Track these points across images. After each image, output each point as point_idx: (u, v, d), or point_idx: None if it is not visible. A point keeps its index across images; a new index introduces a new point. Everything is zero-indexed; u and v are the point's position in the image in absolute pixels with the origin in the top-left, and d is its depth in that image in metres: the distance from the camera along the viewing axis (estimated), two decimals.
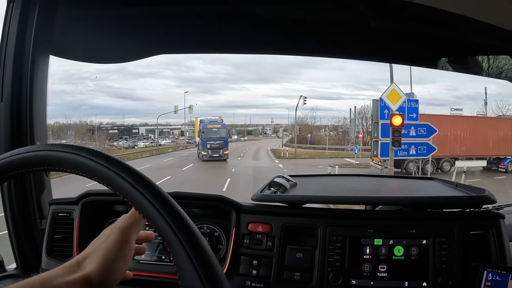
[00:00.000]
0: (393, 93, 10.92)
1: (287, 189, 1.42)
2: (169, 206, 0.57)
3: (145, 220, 0.60)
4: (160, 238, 1.40)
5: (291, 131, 42.33)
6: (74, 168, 0.61)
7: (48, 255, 1.41)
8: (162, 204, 0.57)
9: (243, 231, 1.32)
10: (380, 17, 1.41)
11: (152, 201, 0.57)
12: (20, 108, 1.38)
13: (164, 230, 0.56)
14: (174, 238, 0.56)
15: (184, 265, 0.55)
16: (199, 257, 0.55)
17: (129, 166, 0.60)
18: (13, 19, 1.33)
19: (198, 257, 0.55)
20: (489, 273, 1.11)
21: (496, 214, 1.26)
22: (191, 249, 0.55)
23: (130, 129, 45.82)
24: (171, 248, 0.56)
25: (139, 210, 0.58)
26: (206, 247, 0.56)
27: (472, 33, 1.53)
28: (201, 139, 23.71)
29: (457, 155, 16.25)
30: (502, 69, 1.81)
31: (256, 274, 1.27)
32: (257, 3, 1.50)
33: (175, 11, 1.54)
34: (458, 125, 16.46)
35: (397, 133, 10.50)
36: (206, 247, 0.56)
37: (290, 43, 1.81)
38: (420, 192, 1.41)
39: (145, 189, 0.58)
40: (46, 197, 1.51)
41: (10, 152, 0.63)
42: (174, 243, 0.56)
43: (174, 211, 0.57)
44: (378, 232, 1.23)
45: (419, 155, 12.13)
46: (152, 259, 1.41)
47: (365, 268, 1.21)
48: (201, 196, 1.41)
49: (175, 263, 0.56)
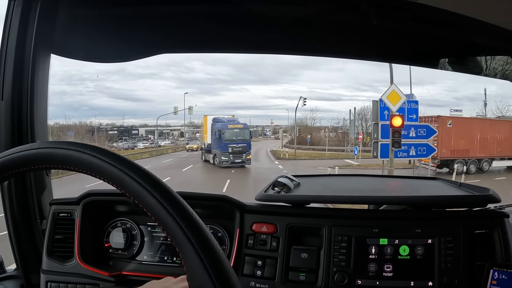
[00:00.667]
0: (393, 94, 10.92)
1: (291, 189, 1.41)
2: (178, 205, 0.56)
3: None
4: (162, 239, 1.40)
5: (291, 132, 42.38)
6: (78, 166, 0.59)
7: (48, 256, 1.39)
8: (171, 203, 0.56)
9: (247, 231, 1.31)
10: (381, 17, 1.40)
11: (161, 200, 0.55)
12: (20, 107, 1.37)
13: (173, 229, 0.55)
14: (183, 238, 0.54)
15: (194, 265, 0.53)
16: (209, 256, 0.53)
17: (135, 163, 0.59)
18: (14, 17, 1.33)
19: (208, 257, 0.53)
20: (495, 272, 1.11)
21: (501, 213, 1.26)
22: (201, 248, 0.53)
23: (130, 130, 45.90)
24: (180, 248, 0.54)
25: (146, 209, 0.56)
26: (216, 246, 0.55)
27: (473, 33, 1.53)
28: (219, 142, 20.79)
29: (494, 155, 17.47)
30: (503, 69, 1.81)
31: (261, 274, 1.26)
32: (258, 2, 1.50)
33: (176, 11, 1.54)
34: (494, 127, 17.88)
35: (397, 134, 10.51)
36: (216, 246, 0.55)
37: (290, 43, 1.80)
38: (424, 192, 1.41)
39: (153, 187, 0.56)
40: (47, 197, 1.49)
41: (12, 150, 0.61)
42: (183, 243, 0.54)
43: (183, 210, 0.56)
44: (383, 232, 1.22)
45: (419, 156, 12.12)
46: (155, 260, 1.40)
47: (370, 268, 1.20)
48: (204, 196, 1.40)
49: (184, 263, 0.54)
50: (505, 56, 1.75)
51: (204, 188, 12.42)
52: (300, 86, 76.52)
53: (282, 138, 38.34)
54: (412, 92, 21.26)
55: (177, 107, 35.37)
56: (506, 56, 1.75)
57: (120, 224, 1.43)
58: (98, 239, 1.43)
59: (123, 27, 1.59)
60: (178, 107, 35.43)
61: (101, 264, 1.37)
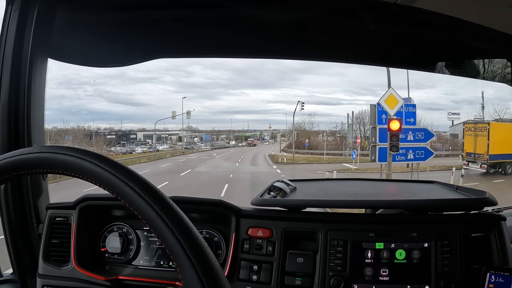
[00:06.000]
0: (391, 98, 10.96)
1: (287, 193, 1.41)
2: (179, 221, 0.56)
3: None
4: (159, 243, 1.39)
5: (289, 136, 42.40)
6: (78, 173, 0.59)
7: (45, 260, 1.39)
8: (171, 218, 0.56)
9: (243, 236, 1.31)
10: (379, 21, 1.41)
11: (160, 213, 0.56)
12: (17, 111, 1.37)
13: (173, 245, 0.55)
14: (183, 255, 0.54)
15: (189, 277, 0.54)
16: (206, 272, 0.54)
17: (136, 173, 0.59)
18: (12, 22, 1.33)
19: (205, 273, 0.54)
20: (492, 275, 1.11)
21: (498, 216, 1.26)
22: (199, 266, 0.54)
23: (128, 135, 45.78)
24: (178, 263, 0.55)
25: (146, 221, 0.56)
26: (214, 263, 0.55)
27: (470, 36, 1.54)
28: None
29: None
30: (501, 72, 1.82)
31: (257, 279, 1.26)
32: (255, 8, 1.51)
33: (174, 16, 1.55)
34: None
35: (395, 138, 10.54)
36: (214, 263, 0.55)
37: (288, 48, 1.81)
38: (421, 195, 1.41)
39: (153, 200, 0.56)
40: (43, 201, 1.49)
41: (13, 152, 0.61)
42: (182, 259, 0.54)
43: (183, 225, 0.56)
44: (379, 236, 1.22)
45: (417, 159, 12.13)
46: (151, 265, 1.39)
47: (366, 272, 1.20)
48: (200, 201, 1.40)
49: (182, 278, 0.55)
50: (503, 59, 1.76)
51: (202, 193, 12.38)
52: (299, 91, 76.78)
53: (280, 142, 38.32)
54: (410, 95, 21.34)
55: (175, 112, 35.35)
56: (503, 59, 1.76)
57: (116, 229, 1.43)
58: (95, 243, 1.42)
59: (120, 32, 1.60)
60: (176, 112, 35.40)
61: (97, 269, 1.37)
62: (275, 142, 44.74)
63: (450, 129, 31.64)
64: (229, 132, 57.32)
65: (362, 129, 31.58)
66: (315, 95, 71.28)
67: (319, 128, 43.02)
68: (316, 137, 40.75)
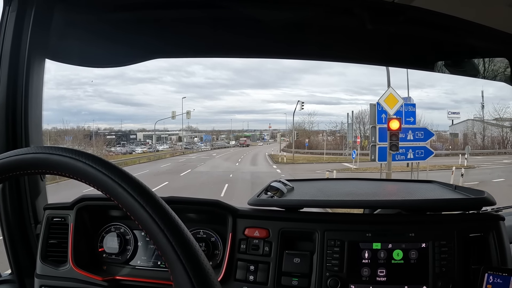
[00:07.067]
0: (390, 97, 10.95)
1: (284, 193, 1.41)
2: (170, 222, 0.56)
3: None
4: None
5: (289, 136, 42.39)
6: (72, 173, 0.60)
7: (42, 261, 1.39)
8: (163, 219, 0.56)
9: (240, 236, 1.30)
10: (378, 20, 1.41)
11: (152, 214, 0.56)
12: (15, 112, 1.37)
13: (164, 246, 0.55)
14: (174, 256, 0.55)
15: (181, 282, 0.54)
16: (197, 274, 0.54)
17: (129, 174, 0.59)
18: (9, 22, 1.33)
19: (196, 275, 0.54)
20: (490, 275, 1.10)
21: (496, 216, 1.25)
22: (190, 267, 0.54)
23: (128, 135, 45.81)
24: (169, 264, 0.55)
25: (138, 222, 0.57)
26: (206, 264, 0.55)
27: (469, 35, 1.53)
28: None
29: None
30: (501, 71, 1.81)
31: (253, 279, 1.26)
32: (255, 7, 1.51)
33: (173, 16, 1.54)
34: None
35: (395, 137, 10.52)
36: (206, 264, 0.55)
37: (287, 47, 1.81)
38: (419, 195, 1.40)
39: (145, 201, 0.57)
40: (41, 202, 1.49)
41: (8, 153, 0.62)
42: (173, 261, 0.55)
43: (174, 226, 0.56)
44: (376, 236, 1.22)
45: (417, 159, 12.12)
46: (148, 265, 1.39)
47: (363, 272, 1.20)
48: (197, 201, 1.39)
49: (173, 279, 0.55)
50: (503, 58, 1.76)
51: (202, 193, 12.38)
52: (299, 90, 76.79)
53: (280, 142, 38.32)
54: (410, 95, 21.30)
55: (175, 112, 35.38)
56: (503, 58, 1.76)
57: (114, 229, 1.42)
58: (92, 243, 1.42)
59: (119, 32, 1.60)
60: (176, 112, 35.41)
61: (95, 269, 1.36)
62: (275, 142, 44.72)
63: (450, 129, 31.70)
64: (229, 132, 57.41)
65: (362, 129, 31.63)
66: (315, 95, 71.41)
67: (319, 128, 43.07)
68: (316, 136, 40.76)
